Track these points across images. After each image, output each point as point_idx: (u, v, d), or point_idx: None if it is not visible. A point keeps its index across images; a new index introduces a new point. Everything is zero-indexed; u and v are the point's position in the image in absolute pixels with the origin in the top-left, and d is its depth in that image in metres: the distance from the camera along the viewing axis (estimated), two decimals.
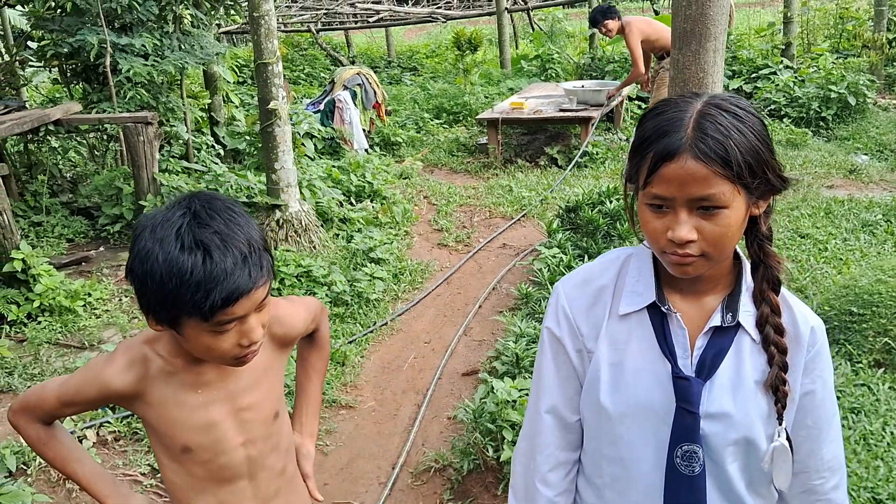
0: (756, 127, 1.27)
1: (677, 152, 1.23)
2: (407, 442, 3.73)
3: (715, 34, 1.98)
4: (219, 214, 1.38)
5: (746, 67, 10.72)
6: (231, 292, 1.33)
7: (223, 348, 1.41)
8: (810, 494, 1.47)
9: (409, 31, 22.22)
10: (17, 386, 4.06)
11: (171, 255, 1.32)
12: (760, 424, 1.37)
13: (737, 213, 1.27)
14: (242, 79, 12.56)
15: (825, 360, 1.43)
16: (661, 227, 1.29)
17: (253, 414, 1.59)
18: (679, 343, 1.38)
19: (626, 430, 1.42)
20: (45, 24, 6.72)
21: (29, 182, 7.11)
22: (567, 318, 1.47)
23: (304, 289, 5.11)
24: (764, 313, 1.37)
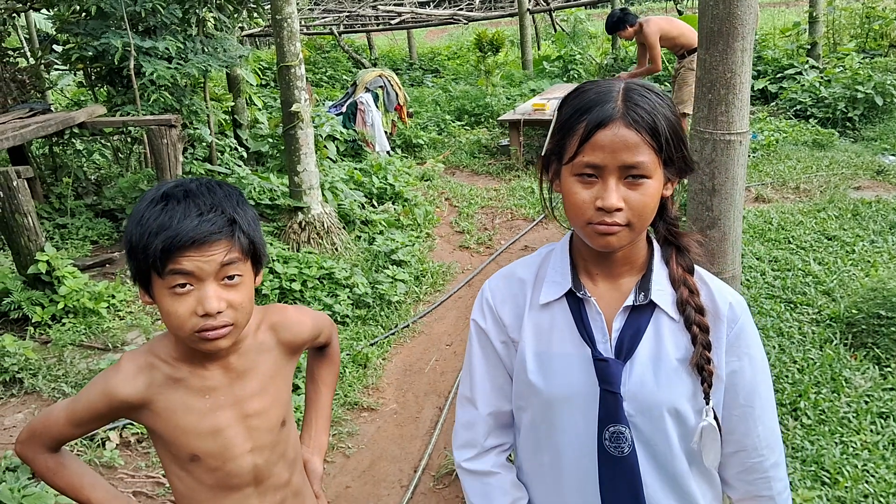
0: (672, 107, 1.36)
1: (611, 119, 1.29)
2: (429, 445, 3.71)
3: (743, 34, 1.94)
4: (201, 183, 1.42)
5: (771, 67, 10.62)
6: (171, 238, 1.34)
7: (179, 313, 1.38)
8: (750, 473, 1.50)
9: (430, 33, 22.23)
10: (42, 387, 4.09)
11: (139, 208, 1.39)
12: (686, 402, 1.40)
13: (657, 184, 1.34)
14: (265, 81, 12.61)
15: (751, 337, 1.46)
16: (589, 198, 1.33)
17: (260, 420, 1.57)
18: (597, 327, 1.43)
19: (557, 417, 1.46)
20: (70, 27, 6.77)
21: (54, 184, 7.17)
22: (491, 310, 1.54)
23: (327, 291, 5.11)
24: (682, 295, 1.41)
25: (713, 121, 2.03)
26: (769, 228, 5.78)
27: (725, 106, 2.00)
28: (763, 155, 7.93)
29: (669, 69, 10.30)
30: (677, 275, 1.43)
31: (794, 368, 3.88)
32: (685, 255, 1.45)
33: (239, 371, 1.56)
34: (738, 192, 2.12)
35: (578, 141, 1.32)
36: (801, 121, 9.16)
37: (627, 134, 1.29)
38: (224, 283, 1.40)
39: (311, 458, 1.80)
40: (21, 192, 4.79)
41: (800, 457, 3.25)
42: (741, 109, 2.03)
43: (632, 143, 1.30)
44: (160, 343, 1.55)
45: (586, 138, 1.31)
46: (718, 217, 2.11)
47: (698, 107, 2.08)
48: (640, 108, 1.30)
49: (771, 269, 5.04)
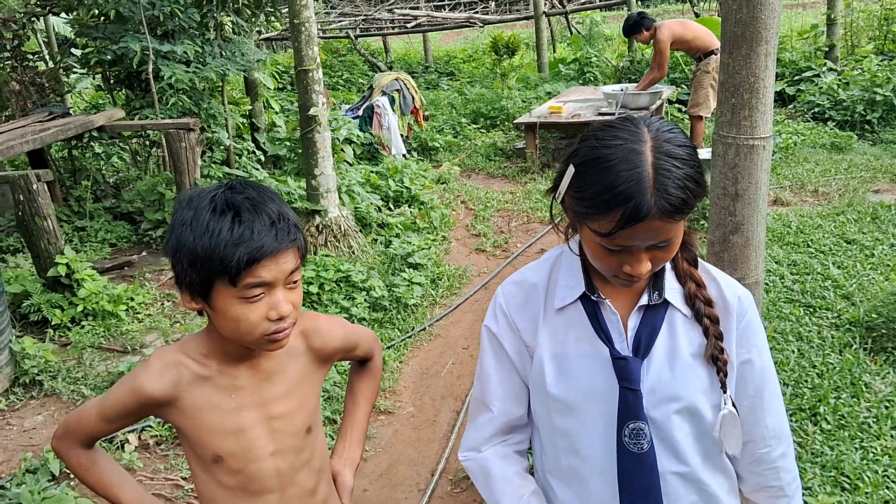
0: (694, 157, 1.32)
1: (646, 216, 1.26)
2: (446, 448, 3.71)
3: (766, 38, 1.93)
4: (254, 188, 1.45)
5: (789, 70, 10.56)
6: (255, 250, 1.36)
7: (251, 320, 1.42)
8: (759, 464, 1.52)
9: (446, 36, 22.25)
10: (61, 390, 4.12)
11: (203, 218, 1.39)
12: (702, 395, 1.43)
13: (681, 232, 1.36)
14: (283, 85, 12.66)
15: (757, 330, 1.49)
16: (617, 263, 1.35)
17: (284, 424, 1.58)
18: (613, 327, 1.45)
19: (577, 419, 1.48)
20: (88, 31, 6.83)
21: (73, 187, 7.23)
22: (505, 316, 1.55)
23: (344, 294, 5.12)
24: (690, 289, 1.44)
25: (736, 125, 2.02)
26: (788, 232, 5.74)
27: (749, 110, 1.99)
28: (781, 158, 7.88)
29: (687, 72, 10.27)
30: (683, 269, 1.46)
31: (814, 373, 3.85)
32: (689, 249, 1.48)
33: (267, 372, 1.57)
34: (762, 197, 2.11)
35: (610, 226, 1.29)
36: (819, 123, 9.10)
37: (661, 224, 1.28)
38: (288, 287, 1.46)
39: (342, 471, 1.79)
40: (41, 195, 4.83)
41: (819, 462, 3.22)
42: (764, 114, 2.02)
43: (665, 230, 1.30)
44: (191, 341, 1.57)
45: (619, 229, 1.28)
46: (741, 222, 2.09)
47: (721, 111, 2.06)
48: (672, 194, 1.26)
49: (790, 273, 5.01)
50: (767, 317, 4.40)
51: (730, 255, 2.13)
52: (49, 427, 3.85)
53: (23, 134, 5.74)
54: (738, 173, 2.05)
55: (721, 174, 2.09)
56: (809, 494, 3.02)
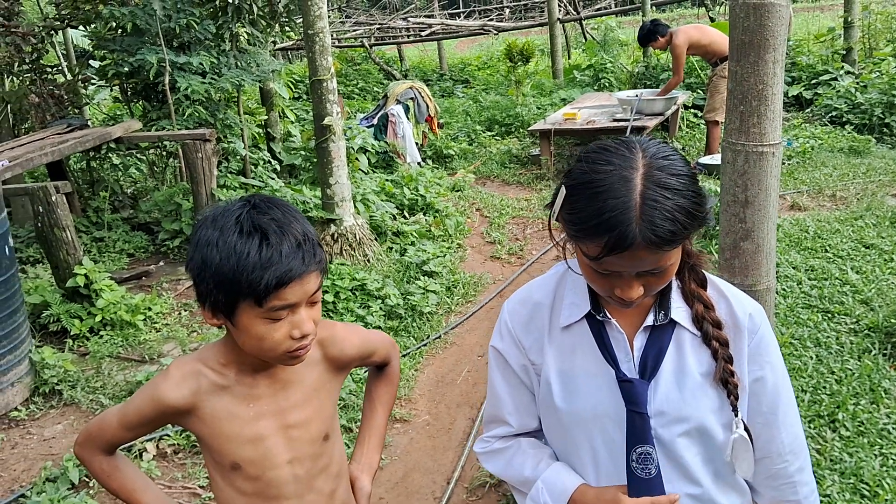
0: (691, 188, 1.28)
1: (630, 246, 1.23)
2: (462, 456, 3.71)
3: (774, 45, 1.93)
4: (277, 207, 1.46)
5: (806, 74, 10.50)
6: (284, 273, 1.38)
7: (275, 338, 1.43)
8: (775, 479, 1.50)
9: (461, 44, 22.29)
10: (80, 399, 4.16)
11: (230, 240, 1.39)
12: (713, 416, 1.41)
13: (677, 259, 1.34)
14: (298, 95, 12.74)
15: (770, 346, 1.46)
16: (608, 285, 1.34)
17: (301, 432, 1.59)
18: (619, 347, 1.44)
19: (585, 438, 1.47)
20: (106, 44, 6.91)
21: (91, 198, 7.30)
22: (510, 334, 1.55)
23: (359, 302, 5.14)
24: (698, 311, 1.42)
25: (745, 132, 2.02)
26: (805, 237, 5.71)
27: (758, 118, 1.99)
28: (798, 162, 7.83)
29: (703, 77, 10.24)
30: (691, 290, 1.43)
31: (832, 379, 3.82)
32: (697, 270, 1.45)
33: (284, 381, 1.59)
34: (772, 203, 2.10)
35: (597, 251, 1.27)
36: (837, 127, 9.03)
37: (647, 254, 1.25)
38: (310, 305, 1.47)
39: (360, 476, 1.80)
40: (60, 206, 4.88)
41: (838, 469, 3.20)
42: (773, 121, 2.01)
43: (651, 259, 1.27)
44: (209, 351, 1.59)
45: (604, 255, 1.27)
46: (752, 229, 2.09)
47: (730, 118, 2.06)
48: (659, 226, 1.23)
49: (807, 279, 4.97)
50: (785, 322, 4.37)
51: (741, 262, 2.13)
52: (68, 436, 3.89)
53: (42, 146, 5.82)
54: (748, 180, 2.05)
55: (731, 181, 2.09)
56: (828, 502, 3.00)
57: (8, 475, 3.60)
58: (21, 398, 4.18)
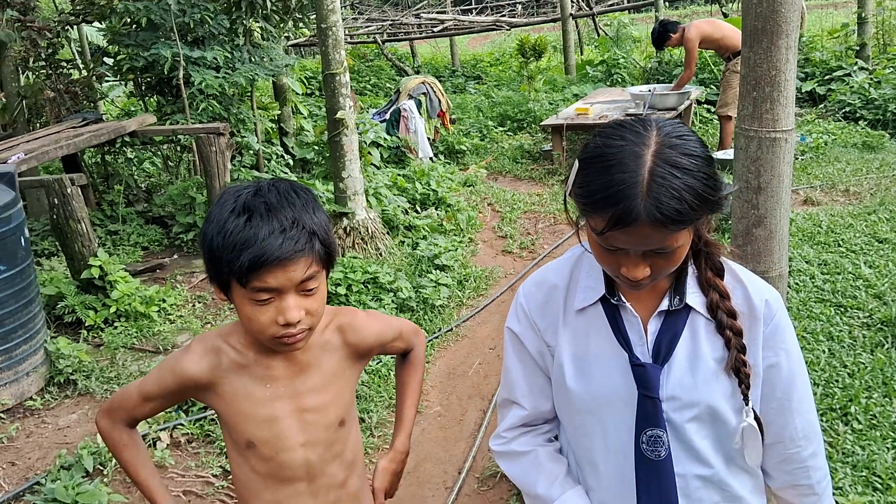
0: (703, 170, 1.26)
1: (635, 220, 1.22)
2: (473, 447, 3.72)
3: (787, 31, 1.93)
4: (279, 192, 1.46)
5: (819, 69, 10.45)
6: (257, 256, 1.37)
7: (261, 321, 1.44)
8: (788, 463, 1.50)
9: (473, 40, 22.29)
10: (95, 389, 4.19)
11: (221, 217, 1.42)
12: (725, 402, 1.41)
13: (687, 241, 1.32)
14: (311, 90, 12.76)
15: (786, 331, 1.46)
16: (615, 263, 1.33)
17: (316, 416, 1.60)
18: (633, 331, 1.43)
19: (597, 420, 1.47)
20: (121, 39, 6.95)
21: (106, 192, 7.35)
22: (526, 315, 1.55)
23: (371, 295, 5.16)
24: (713, 300, 1.40)
25: (758, 118, 2.02)
26: (818, 231, 5.69)
27: (770, 103, 1.99)
28: (812, 157, 7.80)
29: (716, 72, 10.20)
30: (707, 278, 1.42)
31: (845, 373, 3.81)
32: (713, 259, 1.44)
33: (302, 365, 1.60)
34: (785, 189, 2.10)
35: (602, 226, 1.27)
36: (851, 123, 8.99)
37: (651, 231, 1.23)
38: (302, 293, 1.46)
39: (385, 455, 1.82)
40: (75, 199, 4.92)
41: (850, 462, 3.19)
42: (786, 107, 2.01)
43: (656, 238, 1.25)
44: (231, 329, 1.61)
45: (609, 229, 1.26)
46: (764, 215, 2.09)
47: (743, 105, 2.06)
48: (666, 205, 1.22)
49: (820, 273, 4.95)
50: (797, 316, 4.36)
51: (753, 249, 2.13)
52: (83, 425, 3.92)
53: (57, 140, 5.86)
54: (761, 166, 2.05)
55: (743, 167, 2.09)
56: (840, 494, 2.99)
57: (23, 463, 3.64)
58: (36, 388, 4.22)
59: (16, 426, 3.91)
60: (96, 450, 3.53)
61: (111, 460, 3.50)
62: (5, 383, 4.05)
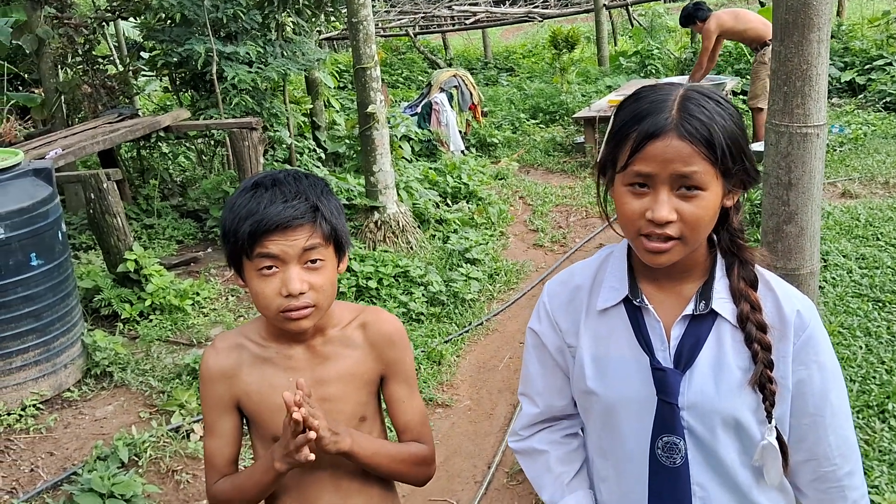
0: (735, 116, 1.31)
1: (663, 131, 1.25)
2: (502, 442, 3.73)
3: (819, 24, 1.89)
4: (289, 172, 1.53)
5: (859, 59, 10.24)
6: (257, 222, 1.43)
7: (266, 294, 1.48)
8: (823, 482, 1.44)
9: (505, 32, 22.17)
10: (130, 381, 4.25)
11: (233, 197, 1.52)
12: (750, 414, 1.37)
13: (714, 197, 1.29)
14: (343, 84, 12.79)
15: (820, 344, 1.39)
16: (640, 209, 1.30)
17: (336, 406, 1.61)
18: (655, 335, 1.40)
19: (615, 422, 1.45)
20: (156, 34, 7.03)
21: (141, 186, 7.45)
22: (548, 315, 1.53)
23: (402, 289, 5.17)
24: (744, 311, 1.36)
25: (789, 113, 1.98)
26: (856, 225, 5.58)
27: (801, 98, 1.95)
28: (850, 149, 7.65)
29: (750, 62, 10.04)
30: (739, 288, 1.37)
31: (882, 369, 3.74)
32: (747, 268, 1.39)
33: (322, 356, 1.62)
34: (816, 186, 2.07)
35: (630, 150, 1.29)
36: (892, 113, 8.80)
37: (680, 146, 1.26)
38: (307, 266, 1.49)
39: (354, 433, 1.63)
40: (111, 193, 5.00)
41: (887, 460, 3.14)
42: (818, 101, 1.97)
43: (685, 155, 1.26)
44: (251, 325, 1.65)
45: (637, 148, 1.28)
46: (795, 212, 2.05)
47: (773, 99, 2.03)
48: (696, 119, 1.26)
49: (858, 267, 4.87)
50: (834, 311, 4.29)
51: (783, 245, 2.09)
52: (119, 416, 3.99)
53: (94, 135, 5.95)
54: (792, 162, 2.01)
55: (774, 163, 2.05)
56: (876, 493, 2.94)
57: (60, 453, 3.71)
58: (74, 379, 4.30)
59: (54, 417, 3.99)
60: (131, 441, 3.59)
61: (146, 451, 3.55)
62: (44, 375, 4.14)
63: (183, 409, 3.91)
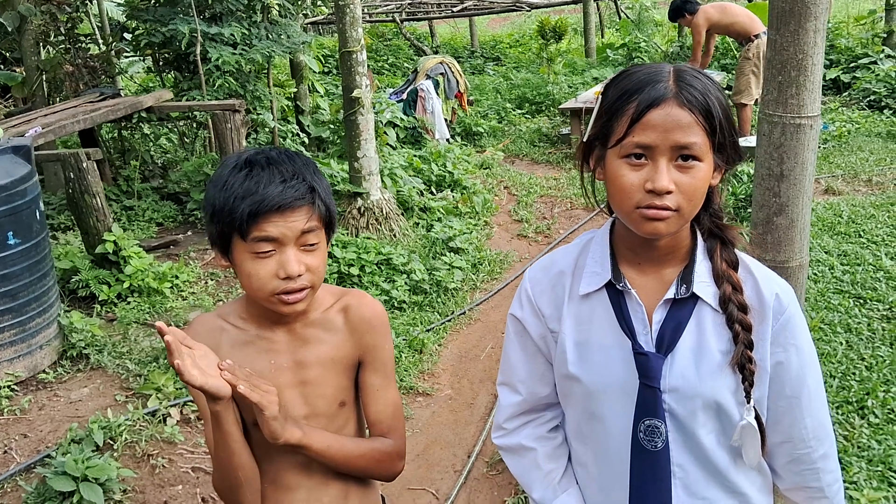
0: (723, 93, 1.34)
1: (663, 99, 1.27)
2: (483, 431, 3.71)
3: (815, 13, 1.87)
4: (281, 151, 1.50)
5: (844, 56, 10.30)
6: (257, 203, 1.40)
7: (261, 276, 1.44)
8: (798, 464, 1.46)
9: (492, 21, 22.12)
10: (107, 364, 4.19)
11: (222, 175, 1.47)
12: (730, 396, 1.38)
13: (708, 169, 1.31)
14: (328, 69, 12.70)
15: (797, 328, 1.41)
16: (638, 181, 1.30)
17: (316, 390, 1.59)
18: (637, 319, 1.40)
19: (597, 408, 1.45)
20: (139, 14, 6.93)
21: (122, 167, 7.36)
22: (530, 301, 1.52)
23: (384, 276, 5.14)
24: (726, 292, 1.37)
25: (783, 104, 1.97)
26: (839, 222, 5.61)
27: (796, 88, 1.93)
28: (834, 146, 7.69)
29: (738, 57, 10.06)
30: (721, 270, 1.39)
31: (862, 366, 3.75)
32: (730, 249, 1.41)
33: (303, 339, 1.59)
34: (808, 178, 2.05)
35: (629, 121, 1.29)
36: (876, 111, 8.85)
37: (681, 114, 1.27)
38: (303, 248, 1.47)
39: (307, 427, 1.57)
40: (91, 173, 4.92)
41: (866, 456, 3.15)
42: (812, 92, 1.96)
43: (685, 123, 1.27)
44: (229, 307, 1.62)
45: (637, 118, 1.28)
46: (786, 203, 2.04)
47: (767, 89, 2.01)
48: (693, 89, 1.28)
49: (840, 264, 4.88)
50: (815, 307, 4.30)
51: (773, 238, 2.08)
52: (95, 399, 3.93)
53: (74, 114, 5.86)
54: (784, 153, 1.99)
55: (766, 154, 2.03)
56: (855, 489, 2.95)
57: (34, 436, 3.65)
58: (49, 361, 4.23)
59: (28, 399, 3.92)
60: (107, 424, 3.53)
61: (122, 435, 3.50)
62: (19, 356, 4.07)
63: (160, 393, 3.85)
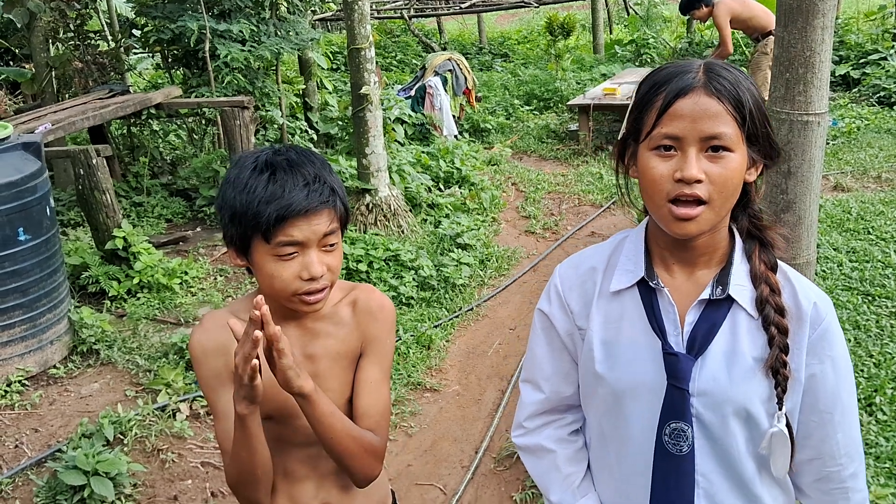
0: (755, 86, 1.31)
1: (691, 88, 1.26)
2: (490, 427, 3.72)
3: (823, 10, 1.87)
4: (298, 151, 1.50)
5: (854, 52, 10.24)
6: (284, 208, 1.41)
7: (284, 277, 1.45)
8: (826, 482, 1.41)
9: (501, 17, 22.09)
10: (117, 359, 4.22)
11: (243, 176, 1.46)
12: (760, 404, 1.34)
13: (740, 160, 1.28)
14: (336, 66, 12.71)
15: (834, 340, 1.36)
16: (668, 172, 1.28)
17: (325, 383, 1.59)
18: (669, 319, 1.37)
19: (622, 408, 1.42)
20: (148, 11, 6.95)
21: (131, 164, 7.39)
22: (559, 297, 1.50)
23: (392, 272, 5.15)
24: (763, 293, 1.33)
25: (790, 100, 1.96)
26: (848, 218, 5.59)
27: (804, 85, 1.93)
28: (843, 142, 7.66)
29: (746, 53, 10.03)
30: (759, 271, 1.34)
31: (871, 363, 3.75)
32: (769, 251, 1.37)
33: (312, 333, 1.60)
34: (815, 175, 2.05)
35: (657, 113, 1.28)
36: (885, 108, 8.81)
37: (709, 102, 1.25)
38: (324, 249, 1.48)
39: None
40: (100, 170, 4.95)
41: (874, 453, 3.15)
42: (820, 89, 1.95)
43: (713, 112, 1.25)
44: (240, 303, 1.63)
45: (665, 108, 1.27)
46: (794, 200, 2.04)
47: (775, 86, 2.00)
48: (723, 79, 1.27)
49: (848, 261, 4.87)
50: None
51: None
52: (105, 394, 3.96)
53: (84, 110, 5.89)
54: (792, 150, 2.00)
55: (784, 155, 2.04)
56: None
57: (45, 430, 3.68)
58: (60, 356, 4.26)
59: (39, 394, 3.95)
60: (117, 419, 3.56)
61: (132, 429, 3.53)
62: (30, 351, 4.10)
63: (169, 389, 3.88)
